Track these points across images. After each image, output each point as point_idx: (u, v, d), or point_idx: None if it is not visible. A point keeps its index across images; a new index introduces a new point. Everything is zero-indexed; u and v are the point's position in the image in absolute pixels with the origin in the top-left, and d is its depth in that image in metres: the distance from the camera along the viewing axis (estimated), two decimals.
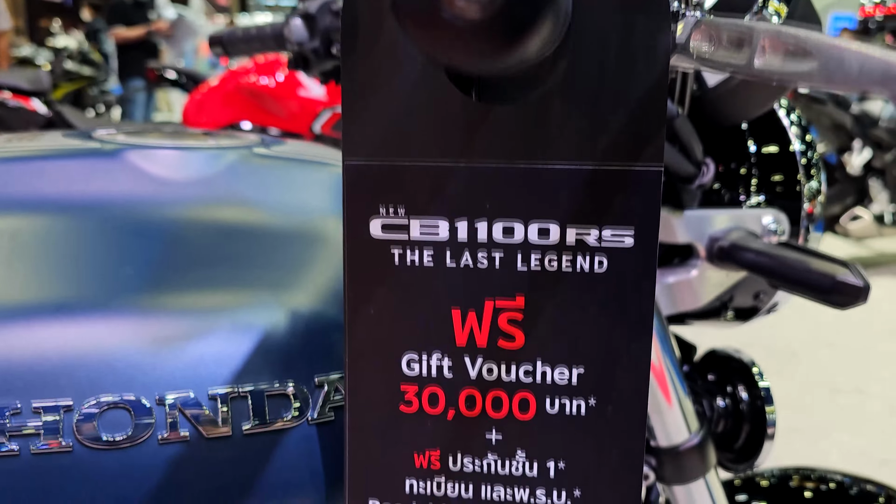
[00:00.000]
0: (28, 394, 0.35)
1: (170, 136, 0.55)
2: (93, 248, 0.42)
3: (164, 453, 0.37)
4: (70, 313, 0.38)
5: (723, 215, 0.60)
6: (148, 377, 0.37)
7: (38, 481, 0.35)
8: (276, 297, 0.42)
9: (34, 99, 2.86)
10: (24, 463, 0.35)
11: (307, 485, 0.40)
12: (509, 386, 0.36)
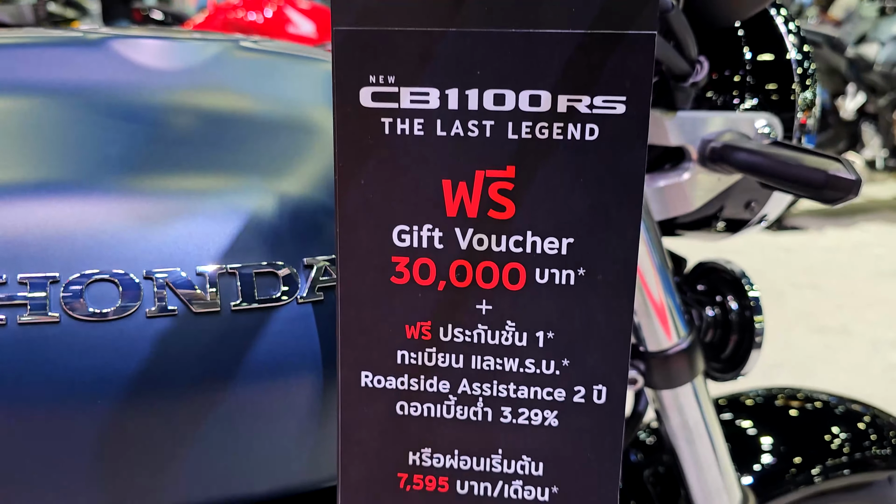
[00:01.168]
0: (15, 266, 0.35)
1: (154, 30, 0.54)
2: (79, 131, 0.41)
3: (151, 327, 0.37)
4: (57, 191, 0.38)
5: (716, 118, 0.59)
6: (135, 253, 0.37)
7: (25, 352, 0.35)
8: (264, 181, 0.42)
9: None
10: (11, 333, 0.35)
11: (298, 362, 0.40)
12: (499, 256, 0.36)
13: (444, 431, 0.38)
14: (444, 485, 0.39)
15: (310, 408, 0.41)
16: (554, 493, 0.39)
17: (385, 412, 0.38)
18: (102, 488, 0.39)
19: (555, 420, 0.38)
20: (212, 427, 0.39)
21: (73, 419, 0.36)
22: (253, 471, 0.41)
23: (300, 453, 0.42)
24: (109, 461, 0.38)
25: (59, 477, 0.38)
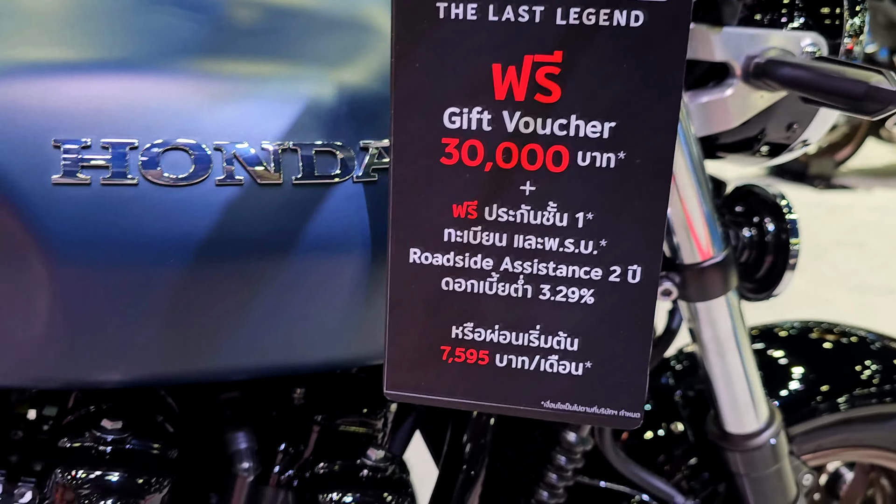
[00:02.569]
0: (99, 131, 0.38)
1: None
2: (160, 17, 0.44)
3: (220, 194, 0.40)
4: (138, 68, 0.41)
5: (761, 34, 0.60)
6: (207, 126, 0.40)
7: (105, 211, 0.39)
8: (326, 70, 0.44)
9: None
10: (94, 192, 0.38)
11: (350, 238, 0.43)
12: (544, 139, 0.38)
13: (487, 307, 0.41)
14: (483, 357, 0.42)
15: (359, 282, 0.44)
16: (587, 367, 0.41)
17: (431, 288, 0.41)
18: (168, 343, 0.42)
19: (591, 298, 0.40)
20: (268, 293, 0.42)
21: (144, 276, 0.40)
22: (303, 340, 0.45)
23: (348, 327, 0.45)
24: (176, 318, 0.41)
25: (127, 330, 0.42)
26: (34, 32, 0.43)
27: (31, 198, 0.38)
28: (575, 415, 0.42)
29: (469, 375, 0.42)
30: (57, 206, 0.38)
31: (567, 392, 0.41)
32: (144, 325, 0.41)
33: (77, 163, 0.38)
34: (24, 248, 0.39)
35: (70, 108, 0.39)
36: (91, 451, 0.48)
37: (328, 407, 0.55)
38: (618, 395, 0.41)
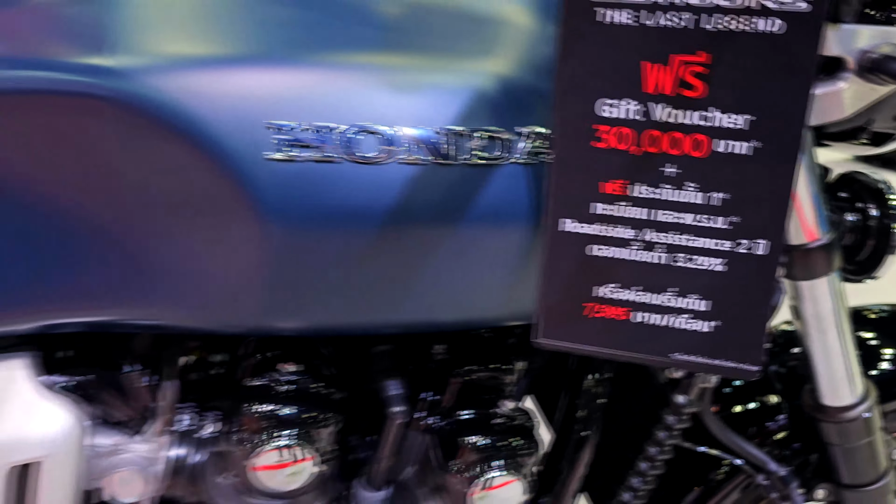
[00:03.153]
0: (304, 116, 0.47)
1: None
2: (356, 20, 0.52)
3: (402, 171, 0.48)
4: (330, 63, 0.49)
5: (876, 31, 0.64)
6: (393, 113, 0.48)
7: (309, 182, 0.47)
8: (483, 62, 0.52)
9: None
10: (299, 167, 0.46)
11: (509, 210, 0.50)
12: (687, 128, 0.44)
13: (627, 270, 0.48)
14: (622, 314, 0.49)
15: (514, 250, 0.51)
16: (715, 325, 0.47)
17: (578, 253, 0.48)
18: (354, 298, 0.51)
19: (722, 266, 0.46)
20: (438, 258, 0.50)
21: (337, 240, 0.48)
22: (464, 300, 0.52)
23: (503, 289, 0.53)
24: (361, 276, 0.50)
25: (319, 285, 0.50)
26: (235, 29, 0.51)
27: (246, 170, 0.46)
28: (701, 365, 0.48)
29: (608, 329, 0.49)
30: (267, 178, 0.46)
31: (695, 346, 0.48)
32: (334, 282, 0.50)
33: (286, 142, 0.46)
34: (239, 212, 0.47)
35: (280, 95, 0.47)
36: (272, 390, 0.57)
37: (466, 362, 0.63)
38: (740, 350, 0.47)
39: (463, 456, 0.57)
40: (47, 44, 0.48)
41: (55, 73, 0.46)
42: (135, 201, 0.48)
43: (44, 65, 0.47)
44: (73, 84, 0.46)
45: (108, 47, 0.47)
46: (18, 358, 0.55)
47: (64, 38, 0.48)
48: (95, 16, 0.49)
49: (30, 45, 0.48)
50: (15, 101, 0.46)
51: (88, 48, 0.47)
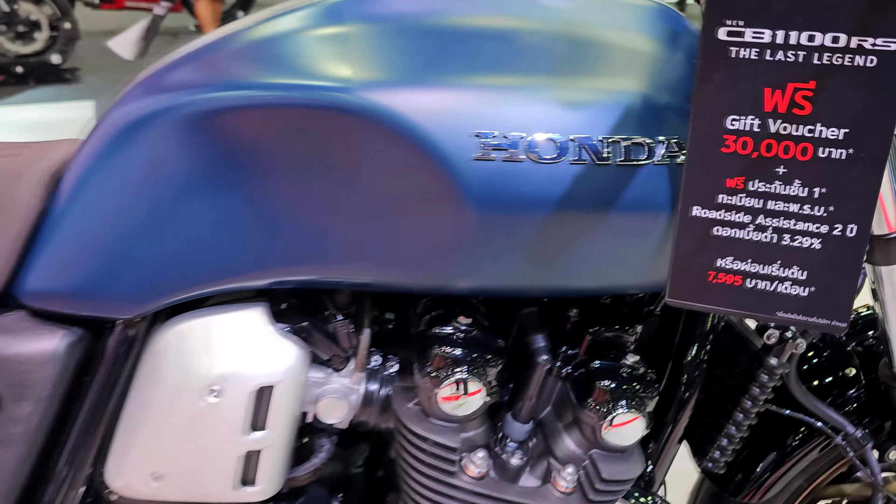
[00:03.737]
0: (500, 127, 0.62)
1: None
2: (527, 52, 0.67)
3: (572, 169, 0.62)
4: (518, 86, 0.64)
5: None
6: (565, 124, 0.62)
7: (504, 177, 0.62)
8: (634, 86, 0.66)
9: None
10: (497, 165, 0.61)
11: (650, 200, 0.64)
12: (796, 139, 0.58)
13: (742, 247, 0.62)
14: (737, 281, 0.62)
15: (653, 231, 0.65)
16: (811, 291, 0.61)
17: (704, 233, 0.62)
18: (527, 267, 0.66)
19: (818, 245, 0.60)
20: (598, 235, 0.64)
21: (522, 222, 0.63)
22: (613, 271, 0.67)
23: (641, 263, 0.67)
24: (532, 251, 0.65)
25: (503, 257, 0.65)
26: (443, 58, 0.66)
27: (457, 168, 0.61)
28: (799, 322, 0.62)
29: (725, 292, 0.63)
30: (472, 174, 0.62)
31: (795, 306, 0.61)
32: (514, 253, 0.65)
33: (487, 146, 0.61)
34: (450, 199, 0.62)
35: (481, 111, 0.62)
36: (452, 337, 0.72)
37: (597, 324, 0.77)
38: (832, 311, 0.61)
39: (596, 397, 0.72)
40: (305, 70, 0.64)
41: (311, 92, 0.63)
42: (365, 189, 0.64)
43: (303, 87, 0.63)
44: (324, 100, 0.62)
45: (350, 72, 0.63)
46: (256, 307, 0.72)
47: (317, 64, 0.65)
48: (340, 47, 0.65)
49: (291, 71, 0.64)
50: (285, 114, 0.63)
51: (335, 73, 0.64)
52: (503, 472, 0.75)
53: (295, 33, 0.68)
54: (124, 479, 0.74)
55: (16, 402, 0.71)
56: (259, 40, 0.68)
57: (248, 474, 0.73)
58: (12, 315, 0.72)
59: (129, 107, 0.68)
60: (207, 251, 0.68)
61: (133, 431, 0.73)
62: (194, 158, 0.65)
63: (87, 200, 0.69)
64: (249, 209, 0.66)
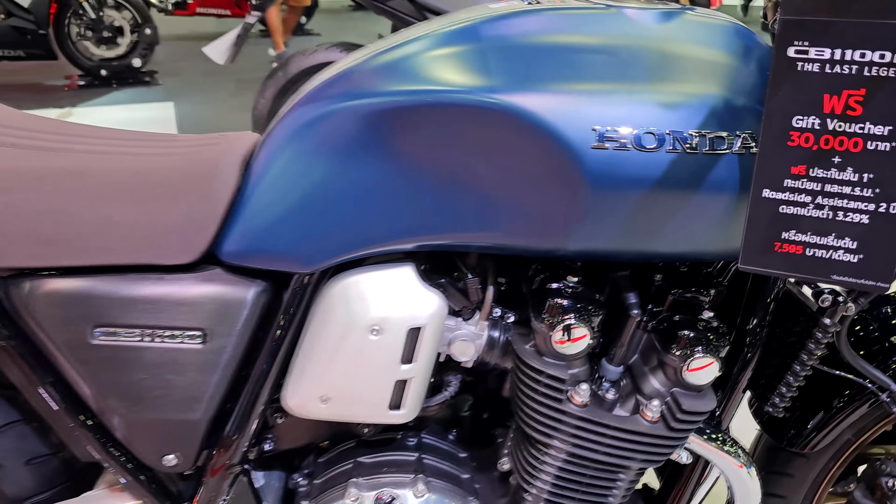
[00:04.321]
0: (611, 122, 0.79)
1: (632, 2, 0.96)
2: (617, 59, 0.84)
3: (668, 157, 0.79)
4: (625, 90, 0.81)
5: None
6: (664, 120, 0.79)
7: (615, 164, 0.79)
8: (715, 90, 0.82)
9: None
10: (609, 153, 0.79)
11: (729, 183, 0.81)
12: (850, 134, 0.74)
13: (804, 222, 0.78)
14: (799, 250, 0.79)
15: (730, 207, 0.82)
16: (860, 258, 0.77)
17: (773, 211, 0.78)
18: (638, 234, 0.83)
19: (867, 220, 0.76)
20: (688, 211, 0.81)
21: (630, 199, 0.80)
22: (701, 240, 0.84)
23: (724, 233, 0.84)
24: (644, 221, 0.82)
25: (612, 224, 0.82)
26: (562, 64, 0.84)
27: (578, 154, 0.79)
28: (850, 283, 0.77)
29: (789, 259, 0.79)
30: (590, 160, 0.79)
31: (848, 271, 0.77)
32: (618, 224, 0.82)
33: (602, 137, 0.79)
34: (572, 181, 0.80)
35: (598, 110, 0.80)
36: (564, 291, 0.90)
37: (678, 286, 0.94)
38: (878, 273, 0.76)
39: (678, 344, 0.89)
40: (453, 78, 0.83)
41: (460, 95, 0.81)
42: (501, 171, 0.82)
43: (452, 91, 0.81)
44: (472, 101, 0.80)
45: (491, 79, 0.81)
46: (406, 266, 0.91)
47: (463, 73, 0.83)
48: (481, 60, 0.83)
49: (443, 78, 0.83)
50: (439, 112, 0.81)
51: (479, 80, 0.82)
52: (600, 404, 0.92)
53: (443, 48, 0.86)
54: (298, 401, 0.93)
55: (218, 336, 0.91)
56: (413, 54, 0.86)
57: (397, 400, 0.92)
58: (216, 270, 0.92)
59: (309, 107, 0.87)
60: (370, 220, 0.86)
61: (307, 362, 0.92)
62: (364, 148, 0.84)
63: (274, 180, 0.89)
64: (405, 187, 0.84)
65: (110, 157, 0.96)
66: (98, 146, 0.99)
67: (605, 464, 0.94)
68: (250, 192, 0.90)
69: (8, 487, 1.09)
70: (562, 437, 0.92)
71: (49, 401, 0.94)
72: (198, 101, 5.23)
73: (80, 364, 0.91)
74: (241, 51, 3.13)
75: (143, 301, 0.90)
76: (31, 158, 0.93)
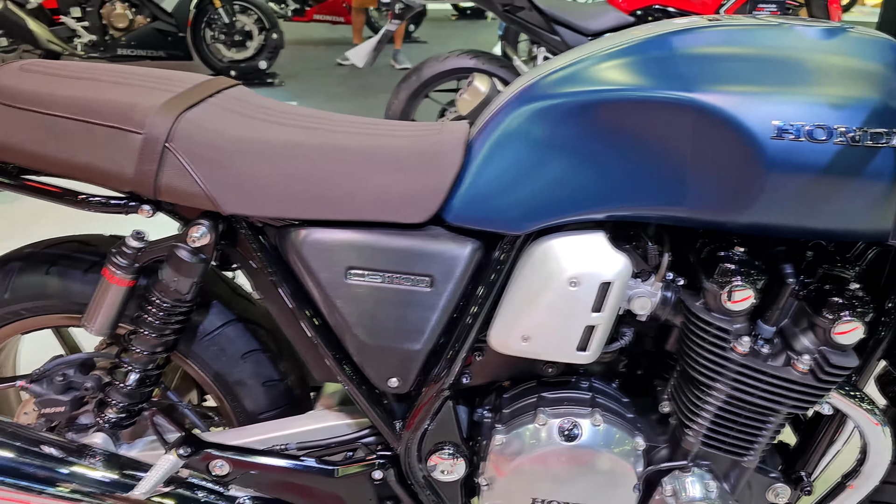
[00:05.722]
0: (786, 116, 0.97)
1: (791, 18, 1.13)
2: (784, 66, 1.02)
3: (835, 148, 0.96)
4: (786, 93, 0.99)
5: None
6: (832, 117, 0.97)
7: (786, 152, 0.97)
8: (868, 93, 0.99)
9: None
10: (783, 144, 0.97)
11: (888, 169, 0.97)
12: None
13: None
14: None
15: (885, 195, 0.98)
16: None
17: None
18: (806, 213, 1.00)
19: None
20: (849, 193, 0.98)
21: (788, 180, 0.98)
22: (860, 218, 1.00)
23: (880, 213, 1.00)
24: (813, 202, 0.99)
25: (788, 202, 1.00)
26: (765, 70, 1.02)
27: (760, 144, 0.97)
28: None
29: None
30: (769, 149, 0.97)
31: None
32: (790, 202, 1.00)
33: (781, 130, 0.97)
34: (752, 166, 0.98)
35: (778, 109, 0.98)
36: (734, 257, 1.08)
37: (827, 261, 1.11)
38: None
39: (829, 307, 1.05)
40: (651, 78, 1.02)
41: (657, 91, 1.00)
42: (692, 156, 1.01)
43: (652, 88, 1.01)
44: (666, 97, 1.00)
45: (684, 79, 1.00)
46: (598, 233, 1.11)
47: (659, 74, 1.02)
48: (670, 64, 1.03)
49: (642, 79, 1.02)
50: (637, 105, 1.01)
51: (673, 79, 1.01)
52: (757, 356, 1.09)
53: (640, 55, 1.06)
54: (502, 339, 1.14)
55: (442, 281, 1.13)
56: (614, 59, 1.06)
57: (584, 343, 1.12)
58: (442, 229, 1.14)
59: (525, 102, 1.08)
60: (571, 193, 1.07)
61: (513, 307, 1.13)
62: (572, 134, 1.04)
63: (493, 159, 1.10)
64: (605, 167, 1.04)
65: (356, 136, 1.20)
66: (343, 127, 1.23)
67: (759, 406, 1.11)
68: (472, 168, 1.12)
69: (248, 403, 1.35)
70: (724, 381, 1.10)
71: (306, 329, 1.18)
72: (320, 102, 5.59)
73: (335, 299, 1.15)
74: (379, 55, 3.41)
75: (387, 250, 1.13)
76: (300, 134, 1.18)
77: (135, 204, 1.16)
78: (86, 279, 1.29)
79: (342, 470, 1.26)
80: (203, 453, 1.24)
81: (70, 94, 1.14)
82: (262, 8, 6.02)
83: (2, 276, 1.31)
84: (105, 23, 5.67)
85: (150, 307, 1.19)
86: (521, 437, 1.19)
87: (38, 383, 1.30)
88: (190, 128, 1.11)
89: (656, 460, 1.23)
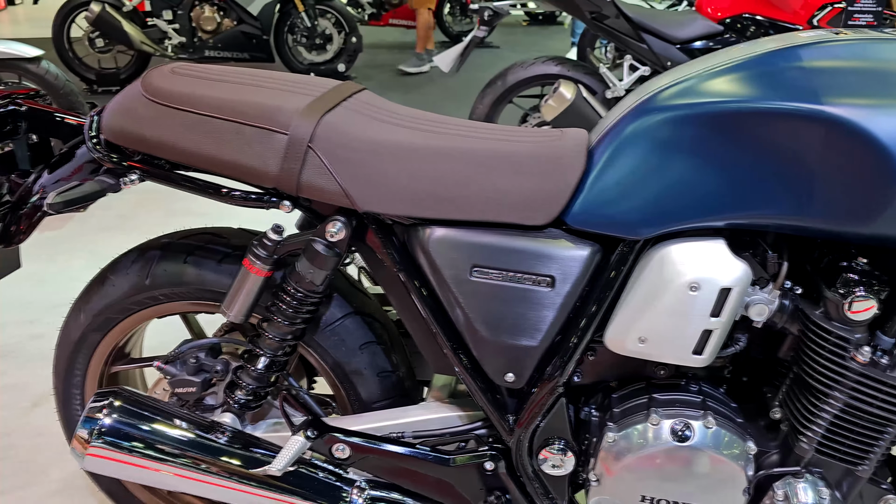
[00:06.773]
0: None
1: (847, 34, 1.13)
2: None
3: None
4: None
5: None
6: None
7: None
8: None
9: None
10: None
11: None
12: None
13: None
14: None
15: None
16: None
17: None
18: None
19: None
20: None
21: None
22: None
23: None
24: None
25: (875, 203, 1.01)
26: None
27: (891, 159, 0.99)
28: None
29: None
30: None
31: None
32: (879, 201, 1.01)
33: None
34: (882, 173, 1.00)
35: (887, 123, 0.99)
36: (855, 268, 1.09)
37: None
38: None
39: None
40: (778, 88, 1.05)
41: (786, 103, 1.03)
42: (818, 166, 1.03)
43: (781, 100, 1.03)
44: (795, 109, 1.02)
45: (814, 91, 1.03)
46: (718, 240, 1.13)
47: (778, 86, 1.05)
48: (803, 74, 1.05)
49: (765, 91, 1.05)
50: (766, 118, 1.03)
51: (802, 91, 1.03)
52: (876, 366, 1.11)
53: (767, 66, 1.09)
54: (619, 339, 1.18)
55: (562, 282, 1.18)
56: (741, 71, 1.09)
57: (700, 346, 1.15)
58: (561, 231, 1.19)
59: (648, 112, 1.12)
60: (694, 200, 1.10)
61: (631, 309, 1.17)
62: (696, 144, 1.08)
63: (616, 166, 1.14)
64: (729, 176, 1.07)
65: (477, 140, 1.25)
66: (466, 132, 1.29)
67: (876, 416, 1.12)
68: (595, 174, 1.16)
69: (363, 392, 1.42)
70: (842, 389, 1.11)
71: (429, 322, 1.24)
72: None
73: (459, 295, 1.21)
74: (466, 61, 3.48)
75: (510, 250, 1.18)
76: (427, 138, 1.24)
77: (276, 199, 1.24)
78: (219, 269, 1.38)
79: (457, 459, 1.31)
80: (327, 436, 1.31)
81: (219, 95, 1.22)
82: (343, 12, 6.16)
83: (143, 263, 1.41)
84: (194, 25, 5.90)
85: (285, 296, 1.27)
86: (632, 436, 1.22)
87: (172, 364, 1.40)
88: (329, 130, 1.19)
89: (766, 465, 1.24)
